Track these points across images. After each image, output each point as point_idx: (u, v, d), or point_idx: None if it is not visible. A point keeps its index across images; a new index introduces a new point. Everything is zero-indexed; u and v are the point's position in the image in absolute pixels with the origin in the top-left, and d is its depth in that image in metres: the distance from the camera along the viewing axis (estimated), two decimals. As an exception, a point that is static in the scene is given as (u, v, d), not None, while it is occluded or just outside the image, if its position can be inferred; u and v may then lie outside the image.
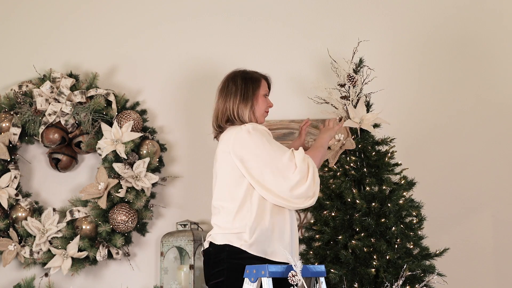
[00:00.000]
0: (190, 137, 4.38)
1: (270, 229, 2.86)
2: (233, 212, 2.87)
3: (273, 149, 2.91)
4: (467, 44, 4.33)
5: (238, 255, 2.81)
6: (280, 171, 2.87)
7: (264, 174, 2.87)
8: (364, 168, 3.58)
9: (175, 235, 4.05)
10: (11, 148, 4.26)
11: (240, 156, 2.89)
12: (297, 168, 2.88)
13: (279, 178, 2.86)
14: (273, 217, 2.88)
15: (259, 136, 2.91)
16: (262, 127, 2.99)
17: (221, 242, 2.86)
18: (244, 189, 2.89)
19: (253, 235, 2.82)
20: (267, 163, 2.87)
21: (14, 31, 4.57)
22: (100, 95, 4.24)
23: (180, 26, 4.51)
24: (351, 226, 3.51)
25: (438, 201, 4.10)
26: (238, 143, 2.90)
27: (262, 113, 3.08)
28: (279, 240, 2.87)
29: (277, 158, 2.89)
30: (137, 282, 4.21)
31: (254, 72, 3.15)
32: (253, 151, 2.89)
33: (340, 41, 4.22)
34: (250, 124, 2.96)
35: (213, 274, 2.85)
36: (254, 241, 2.82)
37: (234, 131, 2.95)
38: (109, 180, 4.10)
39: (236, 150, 2.90)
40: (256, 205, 2.87)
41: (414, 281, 3.38)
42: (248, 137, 2.91)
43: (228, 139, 2.94)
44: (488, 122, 4.24)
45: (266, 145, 2.90)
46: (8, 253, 4.11)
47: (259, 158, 2.88)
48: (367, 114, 3.67)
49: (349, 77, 3.67)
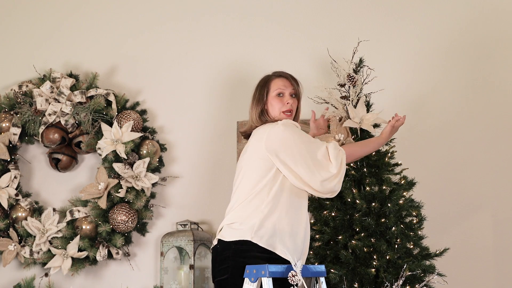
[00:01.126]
0: (190, 137, 4.38)
1: (283, 226, 2.86)
2: (250, 203, 2.89)
3: (309, 141, 2.96)
4: (467, 43, 4.33)
5: (244, 253, 2.81)
6: (314, 165, 2.91)
7: (298, 166, 2.90)
8: (364, 168, 3.58)
9: (175, 235, 4.05)
10: (11, 148, 4.26)
11: (275, 149, 2.91)
12: (331, 163, 2.93)
13: (313, 171, 2.90)
14: (289, 215, 2.89)
15: (294, 130, 2.95)
16: (296, 123, 3.02)
17: (229, 238, 2.86)
18: (264, 183, 2.90)
19: (263, 228, 2.82)
20: (302, 156, 2.90)
21: (14, 31, 4.58)
22: (100, 95, 4.24)
23: (180, 26, 4.51)
24: (351, 226, 3.51)
25: (438, 201, 4.10)
26: (273, 137, 2.93)
27: (278, 114, 3.06)
28: (291, 238, 2.87)
29: (312, 151, 2.93)
30: (137, 282, 4.21)
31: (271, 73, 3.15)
32: (288, 144, 2.91)
33: (340, 41, 4.22)
34: (284, 120, 2.99)
35: (219, 271, 2.87)
36: (264, 233, 2.82)
37: (268, 126, 2.97)
38: (109, 180, 4.10)
39: (272, 143, 2.92)
40: (273, 200, 2.88)
41: (414, 281, 3.38)
42: (284, 131, 2.93)
43: (262, 133, 2.97)
44: (488, 122, 4.24)
45: (302, 138, 2.94)
46: (8, 253, 4.11)
47: (295, 150, 2.91)
48: (367, 114, 3.67)
49: (349, 77, 3.66)
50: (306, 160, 2.90)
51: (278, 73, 3.14)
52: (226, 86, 4.39)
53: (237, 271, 2.80)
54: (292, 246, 2.85)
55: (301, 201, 2.96)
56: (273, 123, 3.00)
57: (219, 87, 4.41)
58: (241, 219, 2.86)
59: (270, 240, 2.82)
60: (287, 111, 3.06)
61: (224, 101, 4.38)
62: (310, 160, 2.91)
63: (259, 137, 2.97)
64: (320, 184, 2.91)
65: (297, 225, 2.91)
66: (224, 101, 4.38)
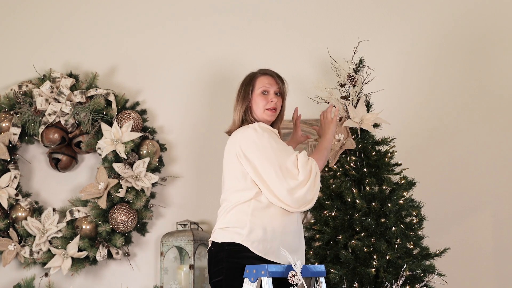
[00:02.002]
0: (190, 137, 4.38)
1: (272, 229, 2.86)
2: (235, 206, 2.90)
3: (279, 149, 2.92)
4: (467, 43, 4.33)
5: (238, 254, 2.82)
6: (282, 173, 2.88)
7: (267, 173, 2.88)
8: (364, 168, 3.58)
9: (175, 235, 4.05)
10: (11, 148, 4.26)
11: (246, 153, 2.91)
12: (299, 172, 2.89)
13: (281, 179, 2.87)
14: (278, 216, 2.88)
15: (265, 136, 2.93)
16: (269, 128, 3.00)
17: (221, 240, 2.87)
18: (247, 185, 2.91)
19: (252, 232, 2.83)
20: (271, 163, 2.89)
21: (14, 31, 4.57)
22: (100, 95, 4.24)
23: (180, 27, 4.51)
24: (351, 226, 3.51)
25: (438, 201, 4.10)
26: (244, 141, 2.93)
27: (262, 111, 3.06)
28: (281, 241, 2.87)
29: (282, 159, 2.90)
30: (137, 282, 4.21)
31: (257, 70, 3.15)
32: (258, 149, 2.91)
33: (340, 41, 4.22)
34: (257, 124, 2.99)
35: (214, 273, 2.87)
36: (254, 238, 2.82)
37: (242, 129, 2.99)
38: (109, 180, 4.10)
39: (242, 147, 2.92)
40: (258, 203, 2.88)
41: (414, 281, 3.38)
42: (255, 136, 2.93)
43: (235, 136, 2.99)
44: (488, 122, 4.24)
45: (272, 145, 2.92)
46: (8, 253, 4.11)
47: (264, 156, 2.89)
48: (367, 114, 3.67)
49: (349, 77, 3.67)
50: (274, 166, 2.88)
51: (264, 71, 3.14)
52: (226, 86, 4.39)
53: (231, 272, 2.81)
54: (285, 247, 2.83)
55: None
56: (247, 126, 3.00)
57: (219, 87, 4.41)
58: (231, 223, 2.88)
59: (261, 246, 2.83)
60: (271, 108, 3.06)
61: (225, 101, 4.39)
62: (278, 168, 2.88)
63: (234, 139, 2.99)
64: (288, 193, 2.86)
65: (285, 224, 2.90)
66: (225, 102, 4.38)
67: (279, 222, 2.88)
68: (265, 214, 2.87)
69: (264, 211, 2.88)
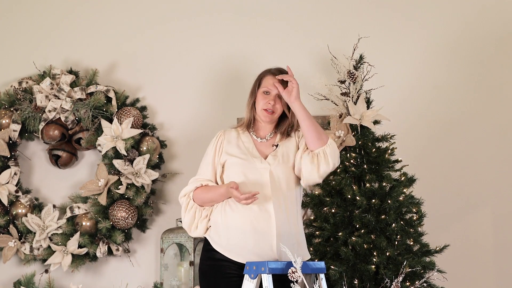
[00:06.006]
0: (190, 133, 4.38)
1: (215, 223, 2.99)
2: None
3: (203, 162, 3.13)
4: (468, 41, 4.32)
5: (206, 246, 3.00)
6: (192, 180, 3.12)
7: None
8: (364, 165, 3.58)
9: (175, 231, 4.05)
10: (11, 144, 4.26)
11: None
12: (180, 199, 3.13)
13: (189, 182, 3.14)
14: (219, 213, 2.98)
15: (211, 142, 3.13)
16: (221, 136, 3.12)
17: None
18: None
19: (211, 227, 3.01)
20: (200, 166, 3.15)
21: (14, 27, 4.57)
22: (100, 92, 4.24)
23: (180, 23, 4.50)
24: (351, 222, 3.51)
25: (438, 197, 4.10)
26: None
27: (259, 110, 3.06)
28: (227, 237, 2.93)
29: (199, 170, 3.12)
30: (137, 278, 4.21)
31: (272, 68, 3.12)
32: None
33: (340, 37, 4.21)
34: (225, 129, 3.16)
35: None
36: (210, 232, 3.00)
37: None
38: (109, 176, 4.10)
39: None
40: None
41: (414, 278, 3.38)
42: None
43: None
44: (488, 119, 4.24)
45: (206, 153, 3.13)
46: (8, 250, 4.11)
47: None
48: (367, 111, 3.67)
49: (349, 74, 3.66)
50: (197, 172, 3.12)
51: (274, 71, 3.10)
52: (226, 83, 4.38)
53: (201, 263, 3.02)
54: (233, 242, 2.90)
55: None
56: None
57: (219, 83, 4.41)
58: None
59: (214, 240, 2.96)
60: (267, 110, 3.04)
61: (224, 97, 4.38)
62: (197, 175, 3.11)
63: None
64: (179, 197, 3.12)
65: (231, 221, 2.94)
66: (224, 98, 4.38)
67: (220, 217, 2.97)
68: (215, 210, 3.02)
69: (216, 207, 3.02)
